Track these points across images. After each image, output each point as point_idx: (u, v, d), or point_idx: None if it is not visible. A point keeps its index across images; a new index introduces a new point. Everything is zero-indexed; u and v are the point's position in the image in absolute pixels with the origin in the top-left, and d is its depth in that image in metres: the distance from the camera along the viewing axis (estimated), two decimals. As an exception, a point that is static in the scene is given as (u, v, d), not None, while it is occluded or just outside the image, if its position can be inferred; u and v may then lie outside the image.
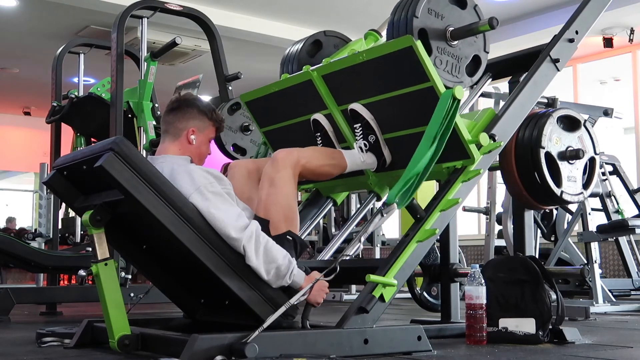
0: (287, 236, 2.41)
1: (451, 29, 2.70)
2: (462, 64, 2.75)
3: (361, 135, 2.78)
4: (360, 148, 2.78)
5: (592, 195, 4.90)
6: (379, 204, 3.16)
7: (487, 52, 2.83)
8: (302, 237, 2.80)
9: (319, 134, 2.93)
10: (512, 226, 4.47)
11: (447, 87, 2.54)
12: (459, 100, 2.45)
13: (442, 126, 2.43)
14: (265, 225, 2.38)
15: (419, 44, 2.49)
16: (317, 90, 2.88)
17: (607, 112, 4.68)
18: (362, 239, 2.40)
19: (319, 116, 2.93)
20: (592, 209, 4.82)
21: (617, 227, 4.73)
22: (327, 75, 2.85)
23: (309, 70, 2.89)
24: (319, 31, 3.33)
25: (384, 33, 2.85)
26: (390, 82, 2.65)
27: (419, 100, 2.57)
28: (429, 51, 2.61)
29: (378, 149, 2.78)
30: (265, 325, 2.04)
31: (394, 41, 2.56)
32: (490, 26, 2.64)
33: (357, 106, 2.77)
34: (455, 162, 2.61)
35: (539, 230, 5.25)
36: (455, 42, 2.72)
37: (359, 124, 2.78)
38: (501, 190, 5.12)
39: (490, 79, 3.08)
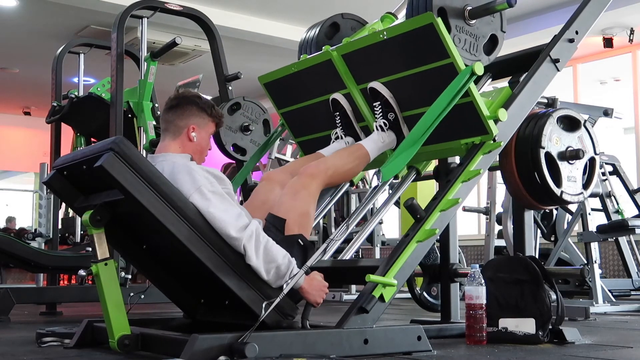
0: (299, 240, 2.42)
1: (469, 7, 2.70)
2: (480, 43, 2.75)
3: (380, 114, 2.79)
4: (380, 127, 2.78)
5: (592, 195, 4.89)
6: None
7: (504, 32, 2.81)
8: (316, 220, 2.80)
9: (337, 113, 2.94)
10: (512, 226, 4.47)
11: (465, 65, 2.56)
12: (476, 76, 2.47)
13: (453, 100, 2.45)
14: (281, 223, 2.39)
15: (439, 21, 2.52)
16: (337, 70, 2.89)
17: (607, 112, 4.68)
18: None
19: (337, 96, 2.94)
20: (592, 209, 4.82)
21: (617, 227, 4.73)
22: (347, 55, 2.86)
23: (328, 50, 2.91)
24: (336, 14, 3.33)
25: (400, 15, 2.84)
26: (410, 60, 2.68)
27: (438, 77, 2.60)
28: (448, 29, 2.62)
29: (397, 127, 2.79)
30: (261, 318, 2.04)
31: (415, 18, 2.58)
32: (509, 4, 2.63)
33: (376, 84, 2.78)
34: (473, 137, 2.64)
35: (539, 230, 5.25)
36: (473, 21, 2.71)
37: (378, 102, 2.78)
38: (501, 190, 5.12)
39: (490, 79, 3.08)
